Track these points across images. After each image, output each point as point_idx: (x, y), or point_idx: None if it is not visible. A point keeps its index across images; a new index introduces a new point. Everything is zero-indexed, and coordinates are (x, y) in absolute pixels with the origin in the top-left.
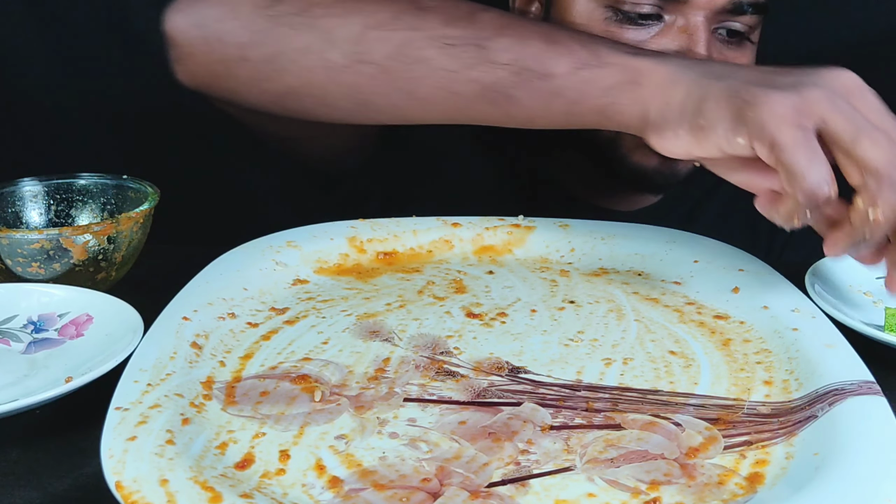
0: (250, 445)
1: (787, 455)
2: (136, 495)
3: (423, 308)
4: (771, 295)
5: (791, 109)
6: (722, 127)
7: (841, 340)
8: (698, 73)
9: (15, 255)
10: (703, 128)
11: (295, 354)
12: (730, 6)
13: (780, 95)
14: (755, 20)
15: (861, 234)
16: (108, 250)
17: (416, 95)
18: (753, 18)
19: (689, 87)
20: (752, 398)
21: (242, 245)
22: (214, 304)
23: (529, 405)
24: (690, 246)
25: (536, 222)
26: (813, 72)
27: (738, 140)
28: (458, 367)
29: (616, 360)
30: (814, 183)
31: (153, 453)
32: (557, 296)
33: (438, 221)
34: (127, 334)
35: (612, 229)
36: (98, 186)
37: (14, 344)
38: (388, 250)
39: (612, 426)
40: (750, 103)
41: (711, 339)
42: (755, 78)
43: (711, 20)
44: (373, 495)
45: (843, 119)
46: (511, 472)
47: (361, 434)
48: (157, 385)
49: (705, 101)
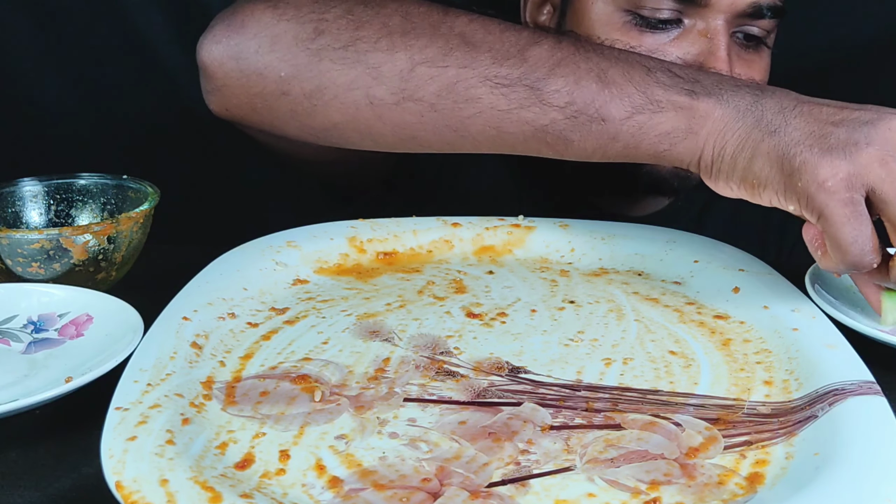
0: (250, 445)
1: (787, 455)
2: (136, 495)
3: (423, 308)
4: (771, 295)
5: (840, 182)
6: (773, 189)
7: (841, 340)
8: (751, 123)
9: (15, 255)
10: (755, 186)
11: (295, 354)
12: (750, 10)
13: (830, 164)
14: (772, 24)
15: (888, 280)
16: (108, 250)
17: (466, 133)
18: (771, 23)
19: (741, 139)
20: (752, 398)
21: (242, 245)
22: (214, 304)
23: (529, 405)
24: (690, 246)
25: (536, 222)
26: (868, 122)
27: (789, 206)
28: (458, 367)
29: (616, 360)
30: (856, 256)
31: (153, 453)
32: (557, 296)
33: (438, 221)
34: (127, 334)
35: (612, 229)
36: (98, 186)
37: (14, 344)
38: (388, 250)
39: (612, 426)
40: (799, 171)
41: (711, 339)
42: (807, 133)
43: (731, 24)
44: (373, 495)
45: (892, 187)
46: (511, 472)
47: (361, 434)
48: (157, 385)
49: (756, 160)
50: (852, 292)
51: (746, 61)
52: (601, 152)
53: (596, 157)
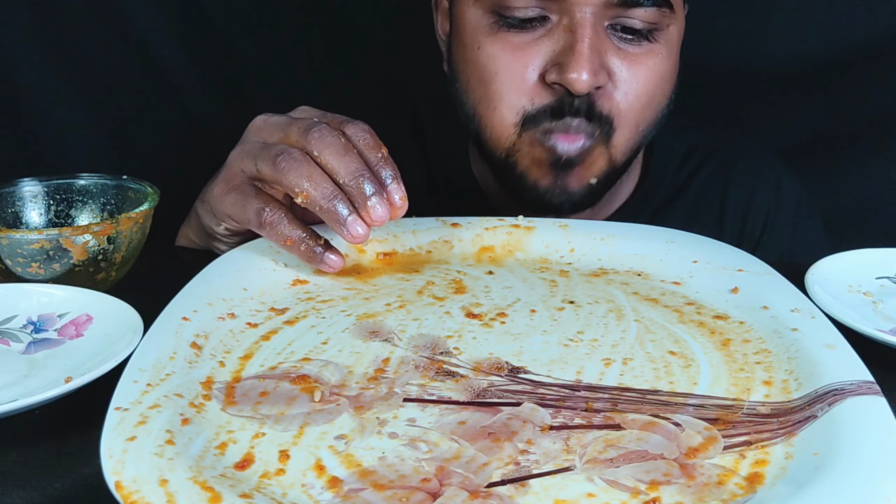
0: (250, 445)
1: (787, 455)
2: (136, 495)
3: (423, 308)
4: (771, 295)
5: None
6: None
7: (841, 340)
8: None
9: (15, 255)
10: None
11: (295, 355)
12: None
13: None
14: (655, 15)
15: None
16: (108, 250)
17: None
18: (653, 13)
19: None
20: (752, 398)
21: (242, 245)
22: (214, 305)
23: (529, 405)
24: (690, 246)
25: (536, 223)
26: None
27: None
28: (458, 367)
29: (616, 361)
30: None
31: (153, 453)
32: (557, 296)
33: (438, 222)
34: (127, 334)
35: (611, 229)
36: (98, 186)
37: (14, 344)
38: (388, 250)
39: (612, 426)
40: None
41: (711, 339)
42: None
43: (601, 16)
44: (372, 495)
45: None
46: (511, 472)
47: (361, 434)
48: (156, 385)
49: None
50: (852, 292)
51: (629, 56)
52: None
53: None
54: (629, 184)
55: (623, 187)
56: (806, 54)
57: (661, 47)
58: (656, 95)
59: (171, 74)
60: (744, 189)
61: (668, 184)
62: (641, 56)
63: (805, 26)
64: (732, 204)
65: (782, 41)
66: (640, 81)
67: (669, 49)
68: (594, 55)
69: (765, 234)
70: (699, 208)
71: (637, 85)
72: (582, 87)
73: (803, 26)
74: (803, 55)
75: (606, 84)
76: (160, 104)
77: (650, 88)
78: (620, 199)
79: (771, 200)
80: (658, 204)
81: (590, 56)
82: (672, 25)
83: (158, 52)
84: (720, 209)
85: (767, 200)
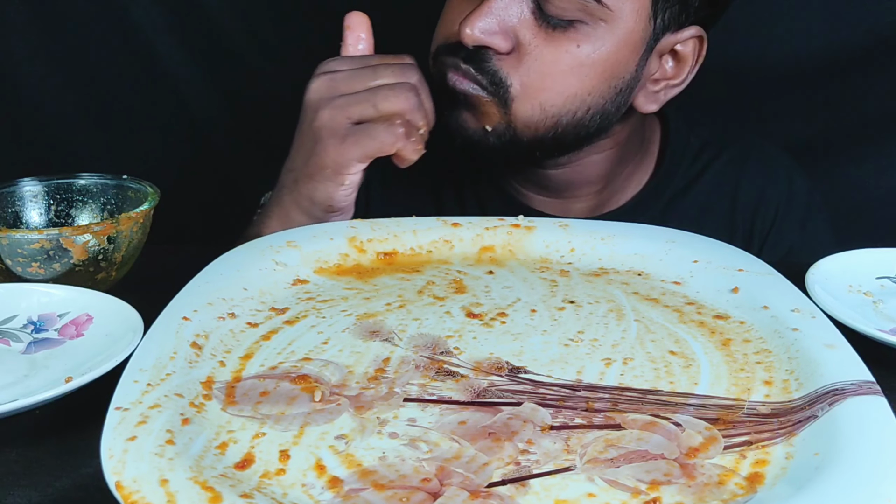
0: (250, 445)
1: (787, 455)
2: (136, 495)
3: (423, 308)
4: (771, 295)
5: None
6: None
7: (841, 340)
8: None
9: (15, 255)
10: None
11: (295, 354)
12: None
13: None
14: (579, 5)
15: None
16: (108, 250)
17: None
18: (577, 3)
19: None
20: (752, 398)
21: (242, 245)
22: (214, 304)
23: (529, 405)
24: (690, 246)
25: (536, 222)
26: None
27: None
28: (458, 367)
29: (616, 360)
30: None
31: (153, 453)
32: (557, 296)
33: (438, 221)
34: (127, 334)
35: (612, 229)
36: (98, 186)
37: (14, 344)
38: (388, 250)
39: (612, 426)
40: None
41: (711, 339)
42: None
43: None
44: (373, 495)
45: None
46: (511, 472)
47: (361, 434)
48: (157, 385)
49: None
50: (852, 292)
51: (545, 36)
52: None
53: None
54: (643, 174)
55: (636, 177)
56: (806, 54)
57: (583, 38)
58: (570, 84)
59: (171, 74)
60: (756, 183)
61: (681, 175)
62: (557, 38)
63: (805, 26)
64: (744, 197)
65: (782, 41)
66: (548, 61)
67: (595, 45)
68: (494, 18)
69: (774, 228)
70: (712, 201)
71: (542, 64)
72: (465, 38)
73: (804, 26)
74: (804, 55)
75: (512, 52)
76: (160, 104)
77: (557, 71)
78: (634, 188)
79: (781, 195)
80: (671, 195)
81: (485, 15)
82: (605, 23)
83: (158, 52)
84: (732, 202)
85: (778, 195)
